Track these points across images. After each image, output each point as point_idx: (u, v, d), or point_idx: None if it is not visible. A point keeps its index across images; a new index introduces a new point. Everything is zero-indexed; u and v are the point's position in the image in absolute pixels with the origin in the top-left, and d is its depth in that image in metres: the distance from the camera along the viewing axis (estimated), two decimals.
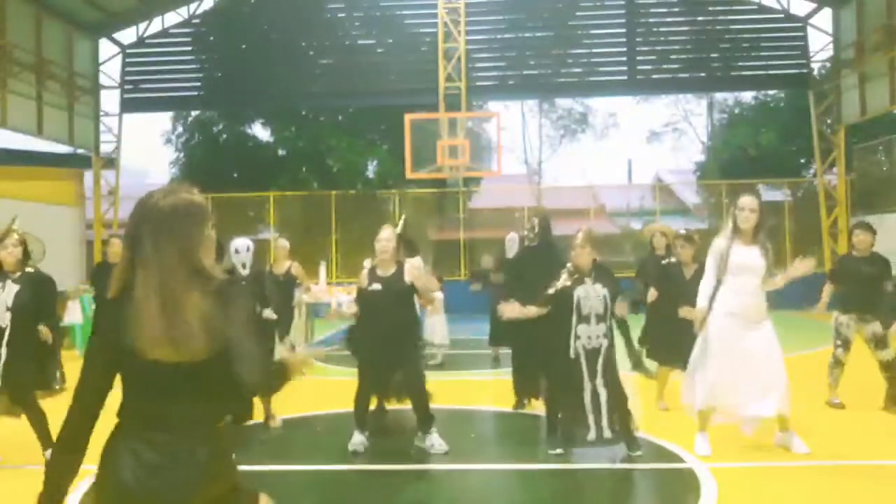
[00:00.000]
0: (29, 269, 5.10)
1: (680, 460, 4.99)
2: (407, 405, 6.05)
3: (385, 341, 5.25)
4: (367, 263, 5.58)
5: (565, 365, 4.98)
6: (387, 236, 5.31)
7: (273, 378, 2.10)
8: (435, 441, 5.28)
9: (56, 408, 5.33)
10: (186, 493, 1.85)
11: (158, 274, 1.84)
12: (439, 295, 9.61)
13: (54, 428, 4.90)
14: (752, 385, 4.86)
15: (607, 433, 4.94)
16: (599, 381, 4.95)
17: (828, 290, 6.59)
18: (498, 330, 7.00)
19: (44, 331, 5.03)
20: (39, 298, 5.01)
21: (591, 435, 4.93)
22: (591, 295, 4.98)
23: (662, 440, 5.42)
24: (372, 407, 5.63)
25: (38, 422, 4.98)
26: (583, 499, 4.55)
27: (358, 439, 5.37)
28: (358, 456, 5.25)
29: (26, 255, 5.07)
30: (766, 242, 4.99)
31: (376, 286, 5.26)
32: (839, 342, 6.42)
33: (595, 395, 4.94)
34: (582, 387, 4.94)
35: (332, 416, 6.56)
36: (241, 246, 6.11)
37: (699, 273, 6.08)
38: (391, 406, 5.97)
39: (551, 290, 5.09)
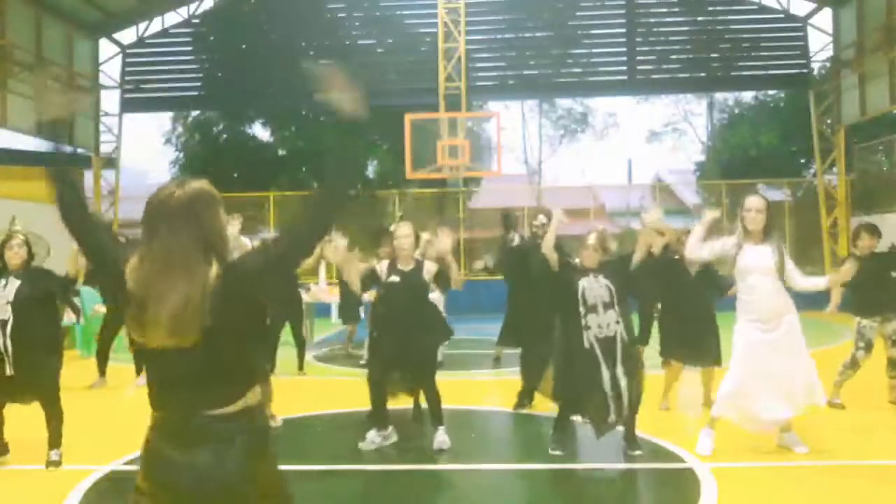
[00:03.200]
0: (36, 267, 5.13)
1: (680, 460, 4.98)
2: (408, 404, 6.09)
3: (399, 333, 5.30)
4: (377, 263, 5.60)
5: (580, 357, 4.95)
6: (405, 233, 5.34)
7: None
8: (440, 437, 5.33)
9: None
10: (228, 479, 1.87)
11: (165, 257, 1.86)
12: (438, 295, 9.62)
13: (41, 426, 4.92)
14: (775, 388, 4.84)
15: (619, 418, 4.93)
16: (620, 369, 4.89)
17: (836, 291, 6.48)
18: (509, 330, 6.96)
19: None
20: (42, 291, 5.01)
21: (613, 416, 4.90)
22: (595, 285, 5.00)
23: (662, 440, 5.42)
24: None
25: (55, 419, 4.99)
26: (583, 499, 4.55)
27: (372, 437, 5.39)
28: (358, 456, 5.25)
29: (31, 255, 5.09)
30: (778, 241, 4.98)
31: (395, 278, 5.33)
32: (861, 344, 6.38)
33: (615, 380, 4.87)
34: (601, 375, 4.89)
35: (332, 416, 6.56)
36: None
37: (703, 270, 6.13)
38: (395, 405, 5.94)
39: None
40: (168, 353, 1.86)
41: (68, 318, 11.02)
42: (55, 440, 4.98)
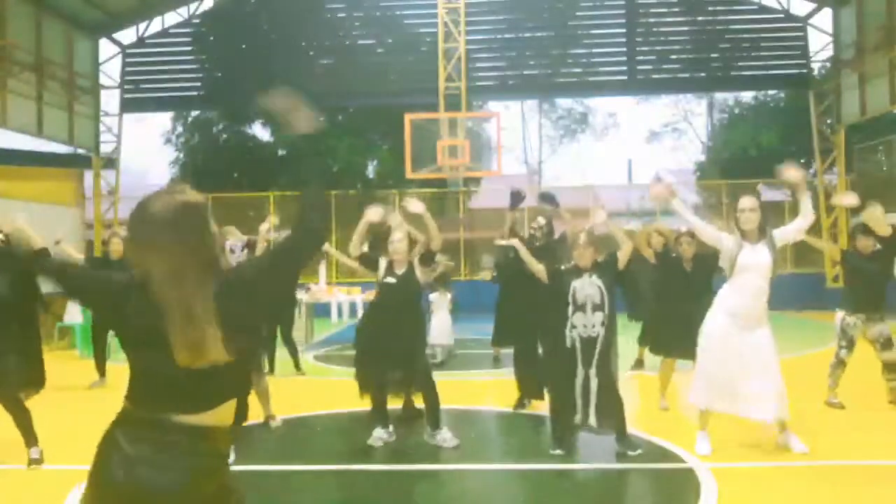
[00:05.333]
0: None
1: (680, 460, 4.99)
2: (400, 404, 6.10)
3: (392, 333, 5.39)
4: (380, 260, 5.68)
5: (561, 354, 5.04)
6: (399, 238, 5.50)
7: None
8: (446, 436, 5.40)
9: (43, 405, 5.31)
10: (177, 488, 1.84)
11: (174, 283, 1.82)
12: (437, 295, 9.63)
13: (41, 425, 4.91)
14: (747, 388, 4.87)
15: (592, 420, 5.01)
16: (593, 370, 5.01)
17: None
18: (502, 330, 7.03)
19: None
20: (14, 288, 4.98)
21: (578, 419, 5.03)
22: (587, 285, 5.05)
23: (662, 440, 5.43)
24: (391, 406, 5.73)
25: (21, 419, 4.97)
26: (583, 499, 4.55)
27: (378, 433, 5.46)
28: (358, 456, 5.26)
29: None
30: (773, 239, 5.01)
31: (391, 279, 5.47)
32: (844, 343, 6.40)
33: (586, 381, 5.01)
34: (575, 374, 5.01)
35: (332, 416, 6.57)
36: (237, 246, 6.12)
37: (697, 267, 6.17)
38: (394, 405, 5.95)
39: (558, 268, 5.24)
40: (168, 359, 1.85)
41: (69, 317, 11.09)
42: (29, 438, 4.98)
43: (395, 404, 5.95)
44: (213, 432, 1.92)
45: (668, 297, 6.40)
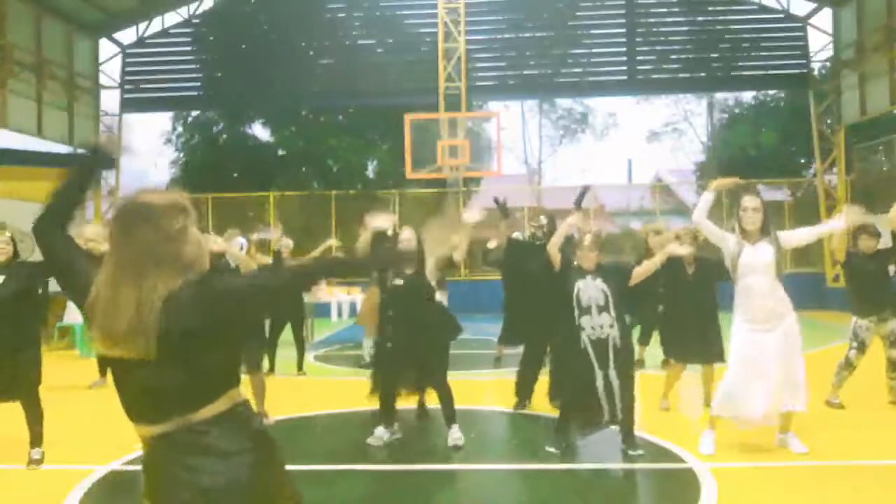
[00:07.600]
0: (19, 261, 5.14)
1: (680, 460, 4.99)
2: (412, 404, 6.10)
3: (408, 334, 5.36)
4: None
5: (575, 357, 5.01)
6: (408, 236, 5.46)
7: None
8: (456, 435, 5.41)
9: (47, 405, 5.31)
10: (235, 480, 1.82)
11: (112, 271, 1.84)
12: (439, 295, 9.61)
13: (48, 426, 4.92)
14: (766, 389, 4.83)
15: (620, 416, 5.00)
16: (612, 371, 4.96)
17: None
18: (512, 329, 6.99)
19: None
20: (25, 286, 5.01)
21: (606, 416, 4.99)
22: (591, 287, 5.04)
23: (662, 440, 5.43)
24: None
25: (35, 418, 5.01)
26: (583, 499, 4.55)
27: (379, 433, 5.46)
28: (358, 456, 5.26)
29: (16, 253, 5.12)
30: (776, 238, 4.97)
31: (398, 281, 5.42)
32: (855, 344, 6.38)
33: (608, 382, 4.96)
34: (593, 376, 4.96)
35: (332, 416, 6.57)
36: (239, 243, 6.14)
37: (699, 270, 6.16)
38: (404, 404, 5.94)
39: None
40: (133, 363, 1.81)
41: (69, 317, 11.09)
42: (36, 439, 5.01)
43: (410, 404, 5.96)
44: (226, 417, 1.88)
45: (672, 299, 6.38)
